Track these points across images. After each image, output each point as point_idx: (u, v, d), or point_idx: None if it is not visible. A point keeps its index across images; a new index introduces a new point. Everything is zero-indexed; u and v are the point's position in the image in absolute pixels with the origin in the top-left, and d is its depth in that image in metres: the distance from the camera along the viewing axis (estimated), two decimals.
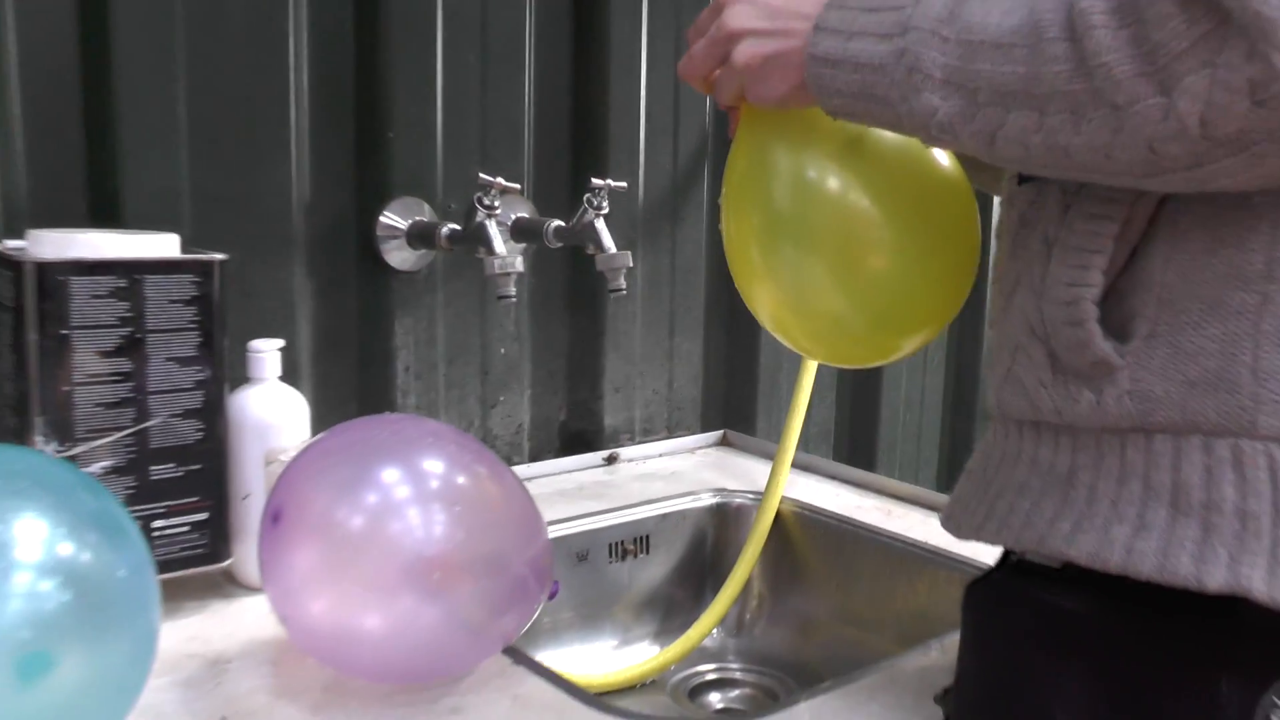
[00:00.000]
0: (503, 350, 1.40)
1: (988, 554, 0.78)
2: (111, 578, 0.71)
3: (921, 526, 1.29)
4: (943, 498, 1.35)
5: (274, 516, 0.83)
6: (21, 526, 0.69)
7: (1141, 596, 0.65)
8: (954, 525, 0.78)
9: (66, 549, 0.70)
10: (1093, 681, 0.69)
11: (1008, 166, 0.69)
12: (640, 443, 1.57)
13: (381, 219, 1.26)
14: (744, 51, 0.76)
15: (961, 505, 0.77)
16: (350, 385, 1.29)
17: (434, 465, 0.85)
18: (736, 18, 0.77)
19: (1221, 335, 0.64)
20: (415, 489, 0.83)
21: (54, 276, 0.90)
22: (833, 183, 0.77)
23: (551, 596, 0.91)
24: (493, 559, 0.85)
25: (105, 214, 1.12)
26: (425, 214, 1.29)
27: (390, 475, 0.84)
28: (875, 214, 0.76)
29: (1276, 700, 0.63)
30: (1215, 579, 0.62)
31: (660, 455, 1.57)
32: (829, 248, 0.77)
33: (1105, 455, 0.67)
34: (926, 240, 0.77)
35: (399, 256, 1.28)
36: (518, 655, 0.92)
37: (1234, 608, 0.62)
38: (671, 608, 1.37)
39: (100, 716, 0.72)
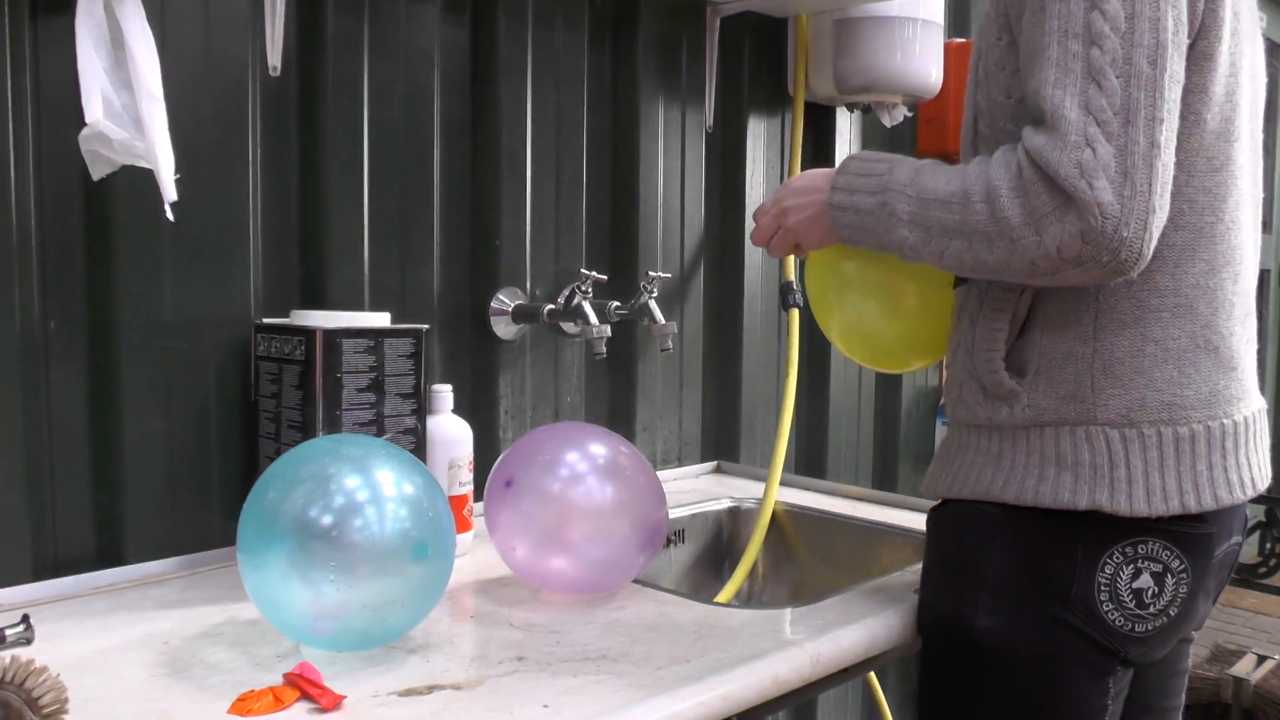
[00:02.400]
0: (568, 399, 1.85)
1: (918, 522, 1.32)
2: (436, 503, 1.12)
3: (878, 513, 1.79)
4: (882, 494, 1.90)
5: (506, 483, 1.29)
6: (383, 474, 1.10)
7: (1031, 509, 1.11)
8: (930, 489, 1.25)
9: (409, 488, 1.10)
10: (1008, 553, 1.14)
11: (949, 271, 1.11)
12: (660, 469, 2.01)
13: (493, 303, 1.72)
14: (791, 219, 1.25)
15: (934, 477, 1.24)
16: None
17: (599, 450, 1.32)
18: (786, 200, 1.26)
19: (1073, 373, 1.10)
20: (590, 465, 1.30)
21: (334, 338, 1.35)
22: (868, 265, 1.28)
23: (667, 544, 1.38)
24: (637, 515, 1.30)
25: (312, 300, 1.53)
26: (521, 299, 1.75)
27: (572, 457, 1.30)
28: (891, 281, 1.27)
29: (1108, 560, 1.09)
30: (1082, 503, 1.08)
31: (675, 479, 2.03)
32: (870, 297, 1.30)
33: (1017, 441, 1.13)
34: (924, 299, 1.28)
35: (504, 330, 1.73)
36: (644, 583, 1.38)
37: (1087, 514, 1.08)
38: (701, 581, 1.82)
39: (438, 589, 1.13)
